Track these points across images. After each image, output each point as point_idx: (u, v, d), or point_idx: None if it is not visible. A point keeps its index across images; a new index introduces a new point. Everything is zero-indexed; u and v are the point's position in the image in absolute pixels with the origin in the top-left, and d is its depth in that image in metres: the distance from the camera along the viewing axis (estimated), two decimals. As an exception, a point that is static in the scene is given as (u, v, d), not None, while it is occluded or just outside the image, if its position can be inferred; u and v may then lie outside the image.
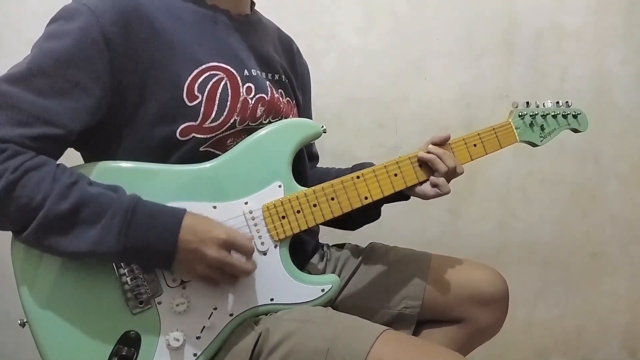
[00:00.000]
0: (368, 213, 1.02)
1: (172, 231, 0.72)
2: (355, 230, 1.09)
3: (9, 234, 0.73)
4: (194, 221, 0.74)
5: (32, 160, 0.69)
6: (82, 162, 0.85)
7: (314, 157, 1.16)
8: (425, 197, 0.94)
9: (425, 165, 0.92)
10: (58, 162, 0.74)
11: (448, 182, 0.92)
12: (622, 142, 1.70)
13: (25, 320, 0.74)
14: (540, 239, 1.71)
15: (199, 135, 0.81)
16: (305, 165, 1.01)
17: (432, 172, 0.92)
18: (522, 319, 1.73)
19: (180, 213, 0.74)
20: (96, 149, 0.82)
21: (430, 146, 0.92)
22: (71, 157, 0.81)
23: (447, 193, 0.91)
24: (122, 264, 0.75)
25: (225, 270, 0.75)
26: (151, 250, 0.72)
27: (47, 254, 0.73)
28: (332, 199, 0.87)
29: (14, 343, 1.48)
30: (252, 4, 0.99)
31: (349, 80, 1.57)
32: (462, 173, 0.93)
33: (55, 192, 0.68)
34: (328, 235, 1.11)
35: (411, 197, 0.98)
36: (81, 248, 0.69)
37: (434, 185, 0.92)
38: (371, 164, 0.95)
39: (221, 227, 0.75)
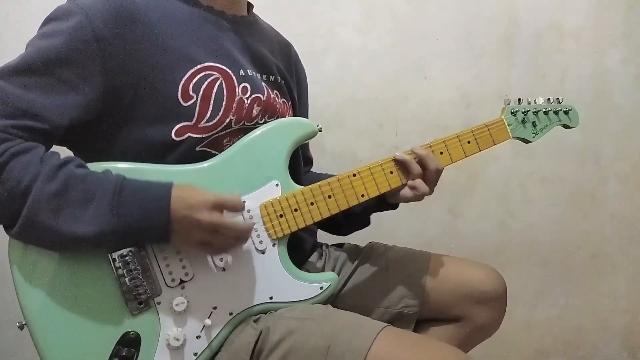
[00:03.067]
0: (358, 220, 1.04)
1: (162, 203, 0.71)
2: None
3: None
4: (182, 191, 0.73)
5: (19, 145, 0.69)
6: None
7: (309, 162, 1.16)
8: (405, 200, 0.94)
9: (420, 162, 0.92)
10: None
11: (434, 183, 0.92)
12: (622, 142, 1.69)
13: (24, 323, 0.74)
14: (540, 239, 1.71)
15: (195, 135, 0.81)
16: (300, 166, 1.01)
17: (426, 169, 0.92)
18: (522, 319, 1.73)
19: (168, 185, 0.73)
20: (91, 149, 0.81)
21: (416, 147, 0.92)
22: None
23: (426, 193, 0.92)
24: (120, 264, 0.74)
25: (221, 232, 0.74)
26: (145, 226, 0.71)
27: (41, 244, 0.72)
28: (330, 197, 0.87)
29: (14, 343, 1.48)
30: (249, 6, 0.99)
31: (349, 80, 1.57)
32: (442, 170, 0.93)
33: (43, 174, 0.68)
34: (328, 236, 1.11)
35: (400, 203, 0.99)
36: (73, 231, 0.68)
37: (412, 188, 0.92)
38: None
39: (209, 191, 0.75)
